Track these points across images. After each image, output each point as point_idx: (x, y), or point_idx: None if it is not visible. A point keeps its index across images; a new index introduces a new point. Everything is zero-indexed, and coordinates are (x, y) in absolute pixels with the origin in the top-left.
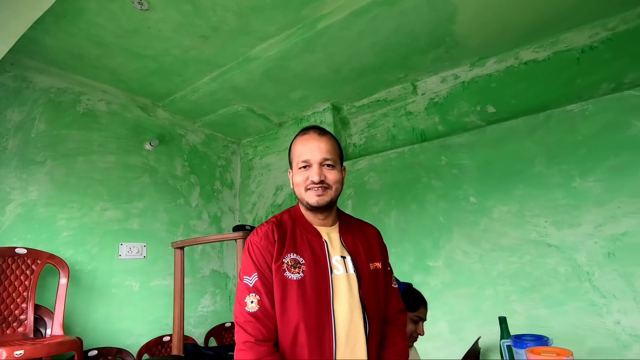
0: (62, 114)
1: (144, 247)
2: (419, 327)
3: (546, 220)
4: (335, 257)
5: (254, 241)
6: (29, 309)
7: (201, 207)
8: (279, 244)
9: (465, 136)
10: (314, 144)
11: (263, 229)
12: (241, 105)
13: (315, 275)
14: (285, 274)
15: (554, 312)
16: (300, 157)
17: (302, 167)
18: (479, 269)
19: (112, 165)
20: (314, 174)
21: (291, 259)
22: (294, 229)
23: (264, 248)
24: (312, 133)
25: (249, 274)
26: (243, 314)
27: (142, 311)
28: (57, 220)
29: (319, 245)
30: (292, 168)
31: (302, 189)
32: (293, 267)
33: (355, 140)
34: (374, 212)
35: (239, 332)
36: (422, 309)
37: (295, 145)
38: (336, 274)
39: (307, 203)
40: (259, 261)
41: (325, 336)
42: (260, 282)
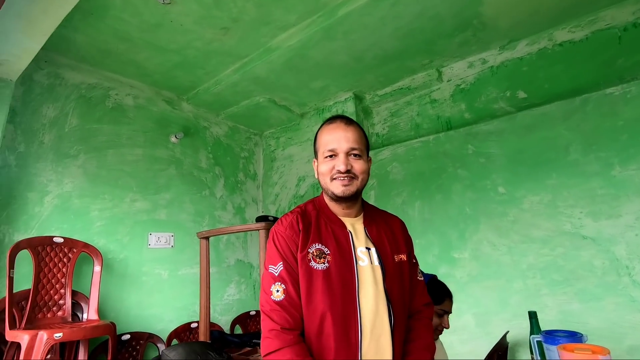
0: (92, 108)
1: (172, 237)
2: (444, 321)
3: (581, 211)
4: (360, 249)
5: (278, 231)
6: (67, 294)
7: (225, 198)
8: (303, 233)
9: (494, 123)
10: (340, 134)
11: (288, 219)
12: (263, 97)
13: (341, 265)
14: (311, 264)
15: (589, 308)
16: (327, 146)
17: (328, 157)
18: (507, 261)
19: (140, 157)
20: (340, 164)
21: (316, 249)
22: (318, 220)
23: (289, 238)
24: (339, 122)
25: (275, 263)
26: (269, 302)
27: (170, 298)
28: (90, 211)
29: (344, 236)
30: (317, 157)
31: (328, 179)
32: (318, 257)
33: (378, 130)
34: (397, 202)
35: (265, 320)
36: (447, 302)
37: (321, 135)
38: (361, 265)
39: (332, 193)
40: (284, 251)
41: (350, 326)
42: (285, 271)
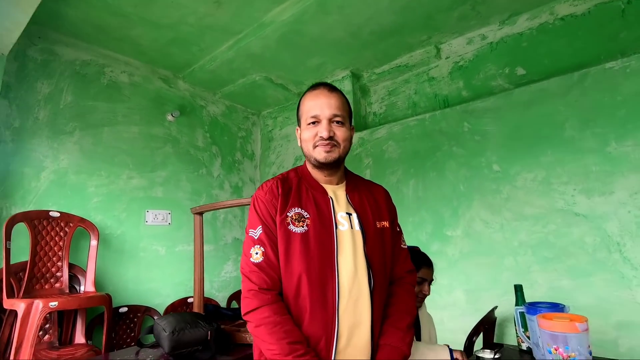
0: (87, 85)
1: (169, 214)
2: (423, 288)
3: (575, 188)
4: (341, 214)
5: (259, 195)
6: (64, 267)
7: (223, 177)
8: (282, 198)
9: (491, 100)
10: (323, 100)
11: (268, 184)
12: (259, 75)
13: (320, 229)
14: (289, 227)
15: (578, 284)
16: (310, 112)
17: (310, 123)
18: (499, 238)
19: (136, 135)
20: (323, 130)
21: (296, 212)
22: (299, 185)
23: (268, 202)
24: (322, 89)
25: (254, 227)
26: (248, 264)
27: (168, 274)
28: (87, 187)
29: (325, 202)
30: (300, 125)
31: (310, 145)
32: (297, 220)
33: (375, 109)
34: (392, 181)
35: (245, 281)
36: (424, 270)
37: (304, 101)
38: (341, 230)
39: (314, 159)
40: (264, 214)
41: (328, 289)
42: (264, 234)
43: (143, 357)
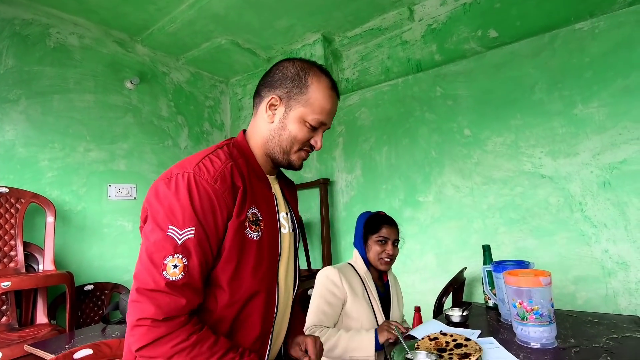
0: (31, 48)
1: (134, 188)
2: (386, 247)
3: (542, 150)
4: (282, 214)
5: (201, 181)
6: (18, 245)
7: (190, 148)
8: (241, 192)
9: (463, 64)
10: (335, 108)
11: (216, 166)
12: (224, 38)
13: (270, 234)
14: (246, 232)
15: (542, 243)
16: (322, 114)
17: (311, 126)
18: (469, 202)
19: (91, 104)
20: (319, 141)
21: (252, 213)
22: (249, 173)
23: (219, 195)
24: (336, 94)
25: (181, 226)
26: (156, 279)
27: (136, 250)
28: (39, 161)
29: (270, 198)
30: (288, 102)
31: (297, 146)
32: (254, 224)
33: (347, 75)
34: (365, 149)
35: (143, 303)
36: (385, 229)
37: (320, 92)
38: (282, 232)
39: (286, 159)
40: (205, 210)
41: (271, 304)
42: (196, 240)
43: (110, 334)
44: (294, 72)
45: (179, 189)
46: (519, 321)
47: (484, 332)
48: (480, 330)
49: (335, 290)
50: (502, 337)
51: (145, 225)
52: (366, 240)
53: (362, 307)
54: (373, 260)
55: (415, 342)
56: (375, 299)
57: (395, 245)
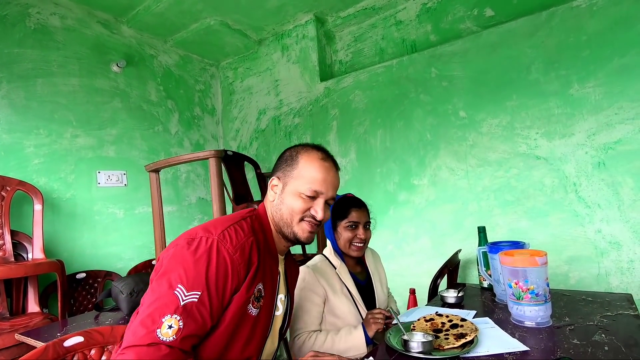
0: (10, 29)
1: (124, 174)
2: (357, 232)
3: (537, 131)
4: (280, 296)
5: (222, 248)
6: (5, 234)
7: (181, 134)
8: (254, 268)
9: (458, 44)
10: (331, 178)
11: (240, 239)
12: (214, 19)
13: (267, 312)
14: (247, 307)
15: (536, 224)
16: (315, 184)
17: (308, 196)
18: (464, 185)
19: (76, 88)
20: (319, 210)
21: (257, 289)
22: (265, 250)
23: (234, 266)
24: (332, 164)
25: (189, 287)
26: (150, 335)
27: (128, 237)
28: (24, 147)
29: (274, 279)
30: (285, 180)
31: (297, 217)
32: (257, 299)
33: (341, 57)
34: (359, 132)
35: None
36: (354, 212)
37: (310, 165)
38: (276, 314)
39: (292, 233)
40: (217, 279)
41: None
42: (200, 305)
43: (103, 321)
44: (288, 154)
45: (199, 251)
46: (515, 301)
47: (479, 312)
48: (476, 310)
49: (314, 290)
50: (497, 316)
51: (156, 276)
52: (335, 227)
53: (343, 304)
54: (344, 247)
55: (411, 324)
56: (355, 293)
57: (367, 229)
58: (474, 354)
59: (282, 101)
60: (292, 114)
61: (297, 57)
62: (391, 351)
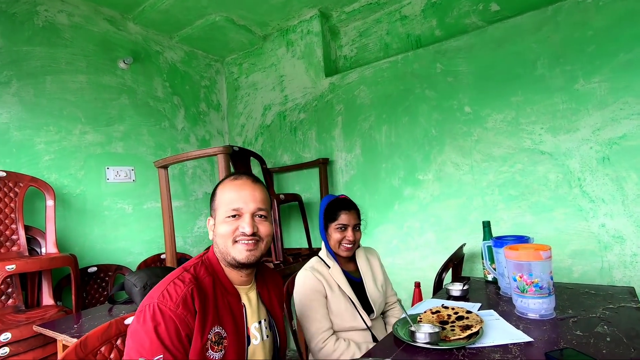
0: (19, 27)
1: (132, 170)
2: (346, 234)
3: (542, 127)
4: (254, 325)
5: (164, 309)
6: (19, 229)
7: (188, 130)
8: (200, 315)
9: (464, 39)
10: (247, 192)
11: (179, 292)
12: (218, 15)
13: (236, 350)
14: (208, 353)
15: (540, 219)
16: (231, 204)
17: (230, 217)
18: (468, 180)
19: (84, 85)
20: (246, 225)
21: (215, 333)
22: (215, 291)
23: (181, 319)
24: (246, 179)
25: (150, 355)
26: None
27: (137, 232)
28: (35, 144)
29: (238, 311)
30: (213, 215)
31: (229, 241)
32: (217, 343)
33: (345, 52)
34: (365, 128)
35: None
36: (343, 215)
37: (222, 191)
38: (254, 344)
39: (232, 259)
40: (171, 337)
41: None
42: None
43: (116, 313)
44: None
45: (146, 320)
46: (519, 294)
47: (484, 305)
48: (481, 303)
49: (316, 289)
50: (502, 309)
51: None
52: (327, 228)
53: (340, 301)
54: (334, 247)
55: (417, 316)
56: (348, 290)
57: (356, 230)
58: (480, 345)
59: (287, 97)
60: (297, 110)
61: (302, 52)
62: (399, 342)
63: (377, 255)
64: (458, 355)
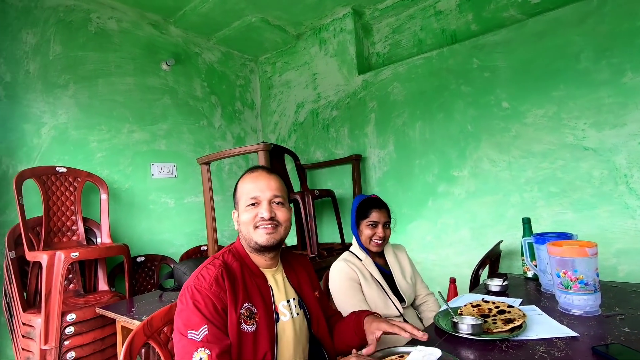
0: (74, 34)
1: (174, 167)
2: (377, 231)
3: (586, 122)
4: (282, 303)
5: (201, 288)
6: (78, 220)
7: (224, 128)
8: (231, 292)
9: (502, 33)
10: (263, 182)
11: (211, 274)
12: (255, 16)
13: (267, 324)
14: (242, 327)
15: (583, 216)
16: (250, 194)
17: (250, 205)
18: (506, 176)
19: (131, 87)
20: (264, 211)
21: (246, 309)
22: (243, 274)
23: (215, 295)
24: (261, 171)
25: (195, 327)
26: None
27: (179, 225)
28: (89, 142)
29: (266, 291)
30: (237, 208)
31: (251, 227)
32: (249, 317)
33: (378, 49)
34: (398, 124)
35: None
36: (374, 213)
37: (242, 184)
38: (283, 321)
39: (255, 243)
40: (210, 311)
41: None
42: (211, 335)
43: (167, 300)
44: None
45: (187, 300)
46: (563, 290)
47: (525, 301)
48: (521, 299)
49: (350, 277)
50: (544, 305)
51: (174, 336)
52: (359, 225)
53: (373, 289)
54: (365, 243)
55: (458, 309)
56: (380, 278)
57: (386, 227)
58: (523, 337)
59: (319, 94)
60: (329, 107)
61: (334, 50)
62: (440, 332)
63: (404, 250)
64: (501, 346)
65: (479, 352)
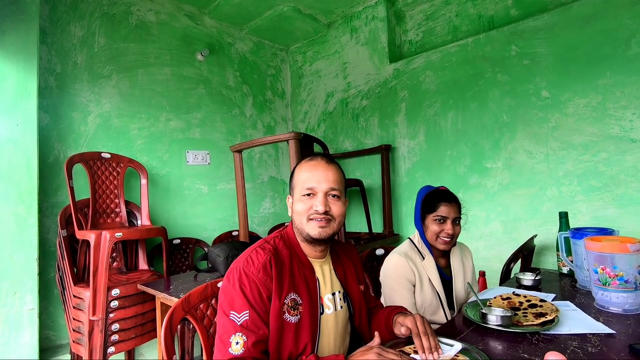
0: (117, 26)
1: (208, 154)
2: (445, 227)
3: (634, 112)
4: (327, 296)
5: (249, 272)
6: (121, 203)
7: (255, 117)
8: (277, 280)
9: (544, 18)
10: (321, 172)
11: (260, 259)
12: (286, 5)
13: (311, 316)
14: (285, 316)
15: (626, 212)
16: (305, 184)
17: (305, 195)
18: (542, 169)
19: (169, 77)
20: (319, 204)
21: (291, 299)
22: (291, 262)
23: (262, 282)
24: (320, 160)
25: (238, 310)
26: (226, 355)
27: (212, 210)
28: (130, 130)
29: (313, 283)
30: (292, 194)
31: (304, 219)
32: (293, 308)
33: (411, 37)
34: (429, 114)
35: None
36: (443, 207)
37: (299, 171)
38: (327, 314)
39: (307, 234)
40: (254, 297)
41: None
42: (251, 321)
43: (202, 280)
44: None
45: (235, 281)
46: (600, 286)
47: (559, 296)
48: (555, 294)
49: (407, 276)
50: (579, 301)
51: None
52: (424, 219)
53: (427, 296)
54: (431, 240)
55: (487, 301)
56: (439, 288)
57: (456, 224)
58: (555, 332)
59: (350, 84)
60: (359, 96)
61: (366, 39)
62: (468, 323)
63: (471, 255)
64: (531, 339)
65: (508, 344)
